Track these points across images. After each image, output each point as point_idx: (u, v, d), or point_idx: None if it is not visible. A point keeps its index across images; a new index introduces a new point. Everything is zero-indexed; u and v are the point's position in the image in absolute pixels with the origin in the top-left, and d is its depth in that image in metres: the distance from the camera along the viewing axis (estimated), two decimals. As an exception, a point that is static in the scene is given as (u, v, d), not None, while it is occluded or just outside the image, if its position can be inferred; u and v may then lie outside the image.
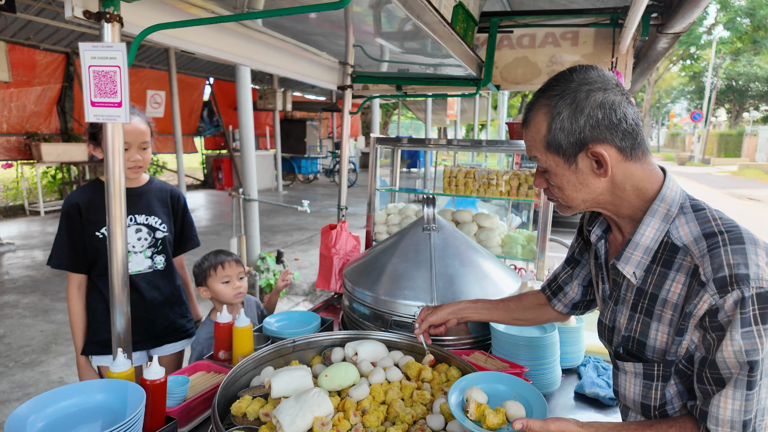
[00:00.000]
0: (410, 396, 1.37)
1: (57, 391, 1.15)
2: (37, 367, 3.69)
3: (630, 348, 1.06)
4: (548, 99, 1.00)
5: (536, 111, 1.03)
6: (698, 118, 26.73)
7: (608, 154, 0.97)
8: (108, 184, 1.29)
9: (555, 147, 1.01)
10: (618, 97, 0.97)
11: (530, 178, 2.52)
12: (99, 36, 1.22)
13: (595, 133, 0.96)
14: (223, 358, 1.62)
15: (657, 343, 1.00)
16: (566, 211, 1.11)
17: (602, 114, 0.96)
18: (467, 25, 1.92)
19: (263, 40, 2.00)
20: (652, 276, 1.01)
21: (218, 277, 1.96)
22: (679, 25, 1.88)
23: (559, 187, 1.06)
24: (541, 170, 1.09)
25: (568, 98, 0.97)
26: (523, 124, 1.08)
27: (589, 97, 0.96)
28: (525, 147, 1.11)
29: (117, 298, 1.37)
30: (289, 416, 1.15)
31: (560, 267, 1.41)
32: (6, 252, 6.96)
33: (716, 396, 0.90)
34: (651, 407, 1.05)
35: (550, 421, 0.98)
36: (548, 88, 1.02)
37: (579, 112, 0.96)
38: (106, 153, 1.27)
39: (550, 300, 1.43)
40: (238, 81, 5.28)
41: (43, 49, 9.44)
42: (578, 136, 0.97)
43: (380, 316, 1.82)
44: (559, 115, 0.98)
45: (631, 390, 1.08)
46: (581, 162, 1.00)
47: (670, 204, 0.99)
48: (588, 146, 0.98)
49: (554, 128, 0.99)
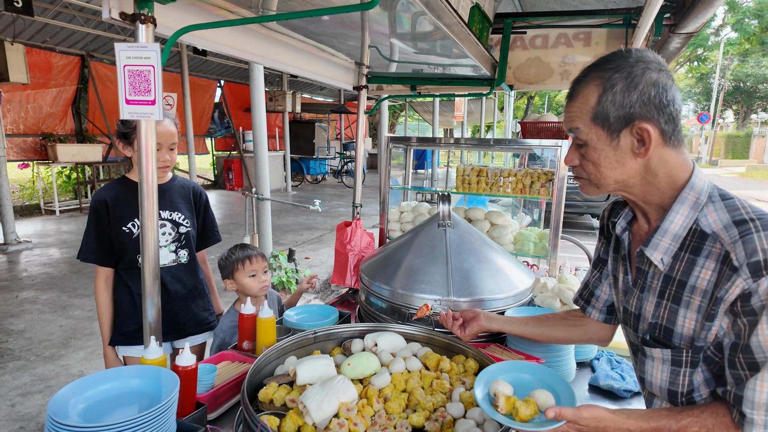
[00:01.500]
0: (430, 385, 1.41)
1: (95, 375, 1.21)
2: (58, 360, 3.78)
3: (657, 335, 1.07)
4: (602, 71, 1.01)
5: (587, 83, 1.03)
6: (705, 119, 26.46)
7: (652, 133, 0.98)
8: (141, 180, 1.35)
9: (602, 119, 1.01)
10: (670, 81, 0.99)
11: (542, 176, 2.55)
12: (133, 37, 1.28)
13: (644, 111, 0.98)
14: (247, 348, 1.68)
15: (685, 330, 1.01)
16: (592, 191, 1.11)
17: (655, 92, 0.97)
18: (482, 26, 1.96)
19: (283, 40, 2.06)
20: (680, 263, 1.02)
21: (245, 270, 2.02)
22: (692, 25, 1.90)
23: (595, 163, 1.06)
24: (578, 144, 1.08)
25: (625, 72, 0.98)
26: (569, 96, 1.08)
27: (645, 74, 0.97)
28: (565, 119, 1.10)
29: (148, 289, 1.42)
30: (315, 401, 1.20)
31: (588, 273, 1.40)
32: (23, 250, 7.10)
33: (751, 380, 0.90)
34: (678, 394, 1.05)
35: (583, 409, 0.99)
36: (603, 62, 1.02)
37: (633, 87, 0.98)
38: (140, 150, 1.32)
39: (584, 309, 1.40)
40: (252, 82, 5.36)
41: (59, 52, 9.61)
42: (628, 111, 0.98)
43: (397, 309, 1.86)
44: (613, 87, 0.99)
45: (658, 377, 1.08)
46: (624, 138, 1.01)
47: (699, 193, 1.01)
48: (635, 122, 0.99)
49: (605, 100, 1.00)
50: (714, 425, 0.96)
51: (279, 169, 14.37)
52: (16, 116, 9.23)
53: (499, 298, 1.83)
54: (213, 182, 15.21)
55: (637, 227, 1.16)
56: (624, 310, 1.19)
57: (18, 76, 7.07)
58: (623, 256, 1.19)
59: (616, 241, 1.24)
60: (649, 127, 0.98)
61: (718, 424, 0.96)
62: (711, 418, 0.96)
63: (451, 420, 1.25)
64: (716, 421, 0.96)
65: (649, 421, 0.99)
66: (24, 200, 10.86)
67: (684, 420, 0.97)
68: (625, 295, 1.18)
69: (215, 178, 15.18)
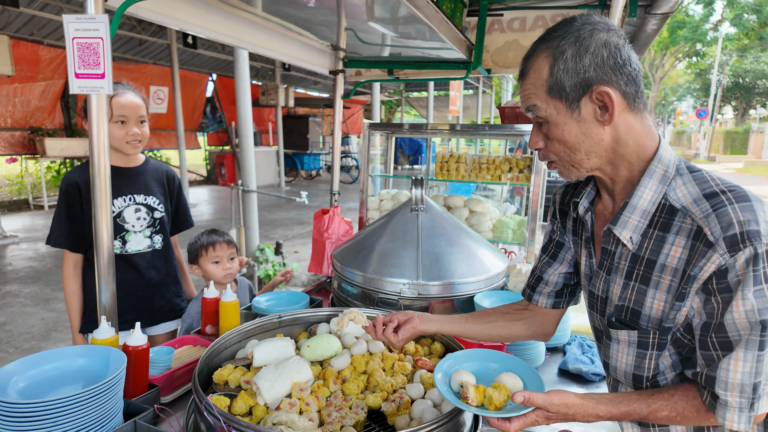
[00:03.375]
0: (391, 367, 1.38)
1: (41, 354, 1.18)
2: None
3: (623, 318, 1.02)
4: (549, 41, 0.95)
5: (536, 57, 0.97)
6: (704, 115, 26.50)
7: (614, 96, 0.92)
8: (92, 153, 1.31)
9: (557, 91, 0.95)
10: (621, 40, 0.94)
11: (521, 162, 2.52)
12: (82, 8, 1.24)
13: (600, 73, 0.92)
14: (210, 332, 1.64)
15: (653, 312, 0.96)
16: (573, 173, 1.04)
17: (607, 53, 0.92)
18: (455, 6, 1.93)
19: (258, 22, 2.02)
20: (648, 241, 0.97)
21: (209, 257, 1.98)
22: (666, 5, 1.87)
23: (560, 140, 0.99)
24: (540, 122, 1.02)
25: (572, 37, 0.93)
26: (521, 75, 1.02)
27: (593, 36, 0.92)
28: (521, 99, 1.03)
29: (103, 271, 1.39)
30: (267, 381, 1.17)
31: (536, 260, 1.30)
32: (10, 244, 7.03)
33: (724, 360, 0.87)
34: (644, 378, 1.02)
35: (553, 394, 0.94)
36: (548, 33, 0.97)
37: (584, 51, 0.92)
38: (91, 123, 1.29)
39: (530, 298, 1.28)
40: (237, 72, 5.31)
41: (46, 45, 9.50)
42: (583, 76, 0.92)
43: (368, 294, 1.84)
44: (563, 54, 0.93)
45: (623, 360, 1.04)
46: (584, 107, 0.95)
47: (667, 165, 0.96)
48: (593, 87, 0.93)
49: (557, 70, 0.94)
50: (685, 408, 0.93)
51: (272, 165, 14.31)
52: (3, 110, 9.13)
53: (470, 281, 1.80)
54: (205, 177, 15.13)
55: (601, 207, 1.10)
56: (590, 294, 1.14)
57: (2, 68, 6.98)
58: (586, 239, 1.13)
59: (575, 224, 1.18)
60: (609, 90, 0.92)
61: (688, 407, 0.93)
62: (682, 401, 0.93)
63: (408, 401, 1.23)
64: (687, 404, 0.93)
65: (619, 406, 0.95)
66: (12, 195, 10.77)
67: (654, 404, 0.94)
68: (590, 279, 1.12)
69: (208, 174, 15.11)
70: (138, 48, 10.85)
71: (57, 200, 1.90)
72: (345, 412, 1.18)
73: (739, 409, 0.87)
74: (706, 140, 28.29)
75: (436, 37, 2.01)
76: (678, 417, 0.94)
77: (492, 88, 20.60)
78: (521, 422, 0.94)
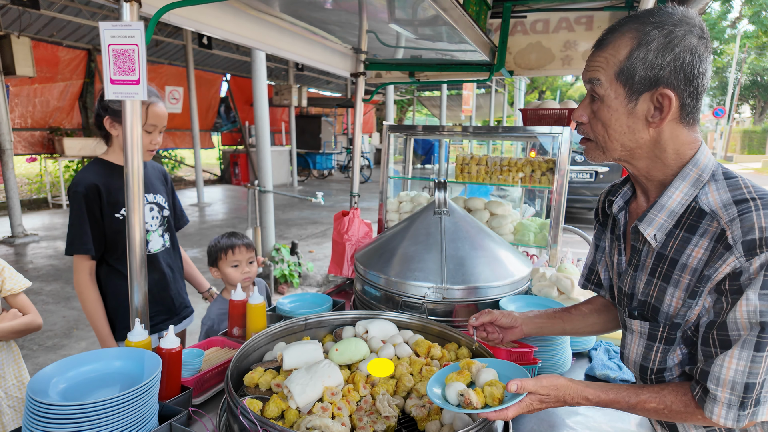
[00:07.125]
0: (419, 371, 1.38)
1: (78, 356, 1.20)
2: (60, 350, 3.81)
3: (644, 312, 1.05)
4: (642, 24, 0.92)
5: (622, 33, 0.94)
6: (721, 114, 26.03)
7: (673, 103, 0.92)
8: (127, 160, 1.33)
9: (626, 76, 0.94)
10: (707, 52, 0.92)
11: (543, 164, 2.50)
12: (118, 16, 1.26)
13: (673, 77, 0.91)
14: (237, 334, 1.66)
15: (671, 309, 0.98)
16: (598, 156, 1.04)
17: (689, 59, 0.90)
18: (480, 8, 1.92)
19: (278, 24, 2.03)
20: (673, 241, 0.98)
21: (228, 260, 2.00)
22: (696, 7, 1.85)
23: (605, 124, 0.99)
24: (592, 98, 1.01)
25: (666, 29, 0.90)
26: (598, 45, 1.00)
27: (685, 38, 0.90)
28: (587, 68, 1.01)
29: (135, 273, 1.41)
30: (299, 385, 1.18)
31: (589, 256, 1.34)
32: (30, 242, 7.17)
33: (720, 356, 0.88)
34: (649, 370, 1.04)
35: (542, 378, 1.01)
36: (645, 15, 0.94)
37: (669, 48, 0.90)
38: (125, 130, 1.31)
39: (598, 292, 1.34)
40: (254, 74, 5.35)
41: (66, 46, 9.66)
42: (657, 73, 0.91)
43: (391, 297, 1.84)
44: (648, 44, 0.91)
45: (634, 350, 1.08)
46: (641, 103, 0.94)
47: (702, 170, 0.96)
48: (659, 87, 0.92)
49: (636, 56, 0.92)
50: (673, 402, 0.95)
51: (285, 164, 14.38)
52: (23, 110, 9.31)
53: (494, 285, 1.79)
54: (219, 177, 15.26)
55: (635, 206, 1.12)
56: (618, 291, 1.17)
57: (24, 69, 7.12)
58: (618, 236, 1.15)
59: (613, 222, 1.20)
60: (671, 95, 0.91)
61: (677, 401, 0.95)
62: (671, 395, 0.96)
63: (438, 407, 1.23)
64: (675, 398, 0.95)
65: (608, 392, 1.00)
66: (32, 194, 10.98)
67: (644, 395, 0.97)
68: (620, 276, 1.15)
69: (221, 173, 15.23)
70: (154, 48, 10.99)
71: (71, 205, 1.77)
72: (376, 416, 1.18)
73: (728, 405, 0.89)
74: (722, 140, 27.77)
75: (460, 39, 2.00)
76: (666, 410, 0.96)
77: (505, 87, 20.46)
78: (517, 408, 0.99)
